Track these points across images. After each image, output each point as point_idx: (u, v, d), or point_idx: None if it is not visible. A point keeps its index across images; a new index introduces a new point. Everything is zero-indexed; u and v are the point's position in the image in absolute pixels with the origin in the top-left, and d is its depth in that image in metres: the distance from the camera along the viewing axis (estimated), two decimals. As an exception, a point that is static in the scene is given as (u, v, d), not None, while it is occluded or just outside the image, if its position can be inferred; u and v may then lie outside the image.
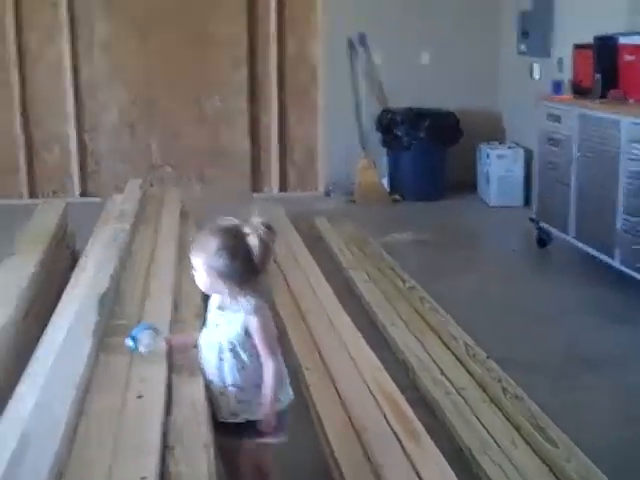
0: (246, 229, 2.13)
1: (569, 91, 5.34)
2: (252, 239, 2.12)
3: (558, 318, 4.24)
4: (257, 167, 7.33)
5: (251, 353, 2.18)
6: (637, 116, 4.34)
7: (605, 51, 5.00)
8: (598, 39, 5.08)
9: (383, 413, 2.83)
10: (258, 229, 2.13)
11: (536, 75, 6.64)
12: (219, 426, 2.19)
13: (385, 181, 7.12)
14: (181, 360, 2.34)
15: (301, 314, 3.89)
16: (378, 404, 2.90)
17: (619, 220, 4.46)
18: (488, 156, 6.88)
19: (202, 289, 2.25)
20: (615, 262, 4.52)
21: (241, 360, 2.17)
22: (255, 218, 2.16)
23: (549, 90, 5.65)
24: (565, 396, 3.28)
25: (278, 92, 7.18)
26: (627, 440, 2.95)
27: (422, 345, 3.61)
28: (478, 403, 3.04)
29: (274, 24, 7.06)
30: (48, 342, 2.49)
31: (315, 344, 3.50)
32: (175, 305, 2.96)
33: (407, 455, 2.56)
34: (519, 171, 6.74)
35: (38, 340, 2.60)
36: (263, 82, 7.18)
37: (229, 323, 2.18)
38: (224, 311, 2.21)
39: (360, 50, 7.11)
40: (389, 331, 3.80)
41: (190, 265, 2.20)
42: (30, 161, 7.03)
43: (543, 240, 5.48)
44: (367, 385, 3.05)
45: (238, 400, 2.20)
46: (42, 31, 6.87)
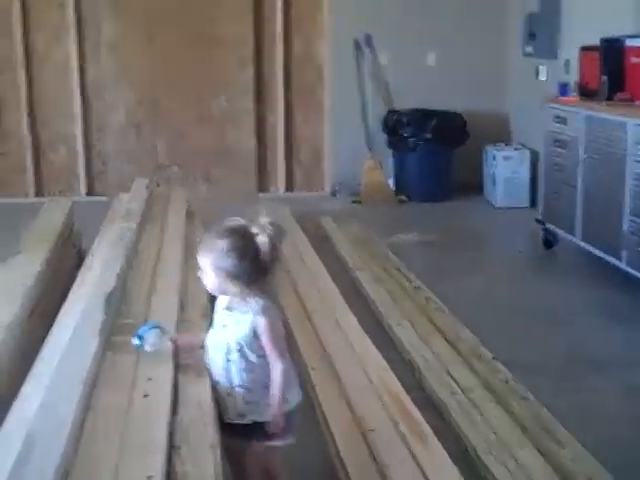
0: (254, 229, 2.13)
1: (575, 93, 5.33)
2: (260, 239, 2.11)
3: (564, 319, 4.24)
4: (263, 167, 7.34)
5: (259, 354, 2.16)
6: (644, 118, 4.34)
7: (612, 53, 4.99)
8: (605, 41, 5.06)
9: (389, 413, 2.83)
10: (266, 229, 2.12)
11: (542, 77, 6.63)
12: (226, 427, 2.17)
13: (391, 182, 7.12)
14: (187, 360, 2.34)
15: (307, 314, 3.88)
16: (384, 404, 2.90)
17: (626, 222, 4.45)
18: (494, 157, 6.87)
19: (210, 290, 2.23)
20: (622, 264, 4.51)
21: (249, 361, 2.16)
22: (262, 217, 2.15)
23: (555, 92, 5.64)
24: (571, 397, 3.28)
25: (284, 92, 7.18)
26: (633, 440, 2.95)
27: (428, 345, 3.60)
28: (484, 404, 3.03)
29: (280, 24, 7.06)
30: (54, 341, 2.49)
31: (321, 344, 3.49)
32: (181, 305, 2.96)
33: (413, 456, 2.55)
34: (525, 173, 6.74)
35: (44, 339, 2.61)
36: (269, 82, 7.18)
37: (237, 324, 2.16)
38: (232, 312, 2.19)
39: (366, 51, 7.11)
40: (395, 331, 3.79)
41: (197, 265, 2.19)
42: (37, 161, 7.04)
43: (549, 241, 5.47)
44: (373, 385, 3.05)
45: (246, 401, 2.18)
46: (49, 32, 6.88)
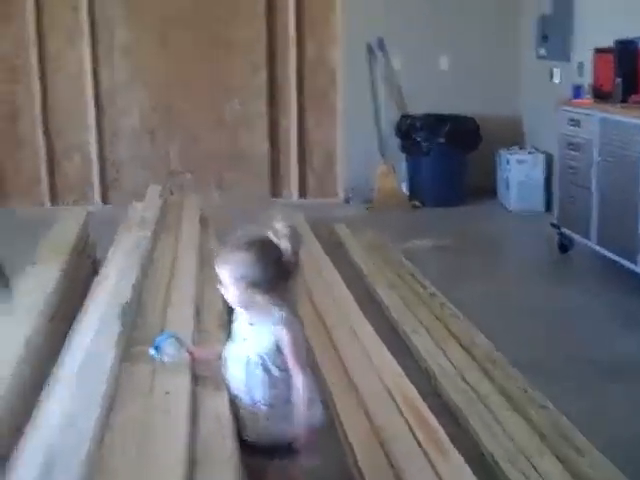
0: (272, 235, 2.11)
1: (589, 95, 5.31)
2: (281, 245, 2.10)
3: (581, 325, 4.22)
4: (276, 171, 7.33)
5: (281, 368, 2.12)
6: (659, 121, 4.32)
7: (626, 55, 4.96)
8: (619, 43, 5.04)
9: (406, 421, 2.82)
10: (284, 234, 2.11)
11: (556, 79, 6.60)
12: (246, 445, 2.12)
13: (404, 187, 7.10)
14: (205, 372, 2.32)
15: (322, 322, 3.87)
16: (401, 412, 2.89)
17: (642, 225, 4.43)
18: (508, 161, 6.84)
19: (231, 304, 2.19)
20: (638, 268, 4.47)
21: (271, 375, 2.12)
22: (278, 223, 2.13)
23: (569, 95, 5.62)
24: (589, 403, 3.26)
25: (297, 96, 7.17)
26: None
27: (443, 352, 3.59)
28: (501, 411, 3.02)
29: (293, 28, 7.06)
30: (71, 354, 2.49)
31: (337, 352, 3.48)
32: (197, 314, 2.96)
33: (431, 464, 2.55)
34: (539, 176, 6.71)
35: (60, 350, 2.61)
36: (282, 86, 7.17)
37: (259, 336, 2.13)
38: (253, 324, 2.16)
39: (379, 55, 7.10)
40: (411, 338, 3.78)
41: (216, 278, 2.17)
42: (52, 170, 7.05)
43: (565, 246, 5.44)
44: (390, 393, 3.04)
45: (267, 418, 2.13)
46: (63, 37, 6.89)
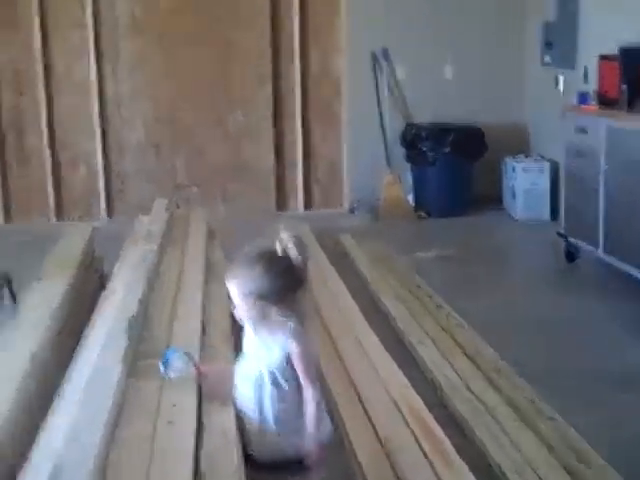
0: (279, 248, 2.13)
1: (595, 102, 5.30)
2: (287, 255, 2.11)
3: (589, 334, 4.19)
4: (281, 183, 7.32)
5: (291, 382, 2.13)
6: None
7: (631, 62, 4.97)
8: (624, 50, 5.04)
9: (412, 433, 2.81)
10: (290, 245, 2.12)
11: (561, 87, 6.59)
12: (254, 462, 2.13)
13: (410, 198, 7.09)
14: (212, 388, 2.33)
15: (327, 332, 3.86)
16: (407, 424, 2.88)
17: (648, 233, 4.42)
18: (514, 170, 6.84)
19: (241, 320, 2.19)
20: (645, 276, 4.47)
21: (281, 389, 2.13)
22: (284, 235, 2.14)
23: (574, 102, 5.61)
24: (598, 414, 3.23)
25: (302, 106, 7.17)
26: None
27: (450, 363, 3.58)
28: (508, 422, 3.01)
29: (297, 39, 7.07)
30: (78, 369, 2.50)
31: (343, 364, 3.47)
32: (203, 329, 2.96)
33: (437, 475, 2.54)
34: (545, 184, 6.69)
35: (69, 365, 2.61)
36: (287, 97, 7.17)
37: (269, 351, 2.14)
38: (263, 339, 2.16)
39: (384, 65, 7.10)
40: (417, 349, 3.77)
41: (220, 291, 2.18)
42: (57, 184, 7.06)
43: (571, 254, 5.42)
44: (396, 404, 3.03)
45: (278, 434, 2.14)
46: (68, 50, 6.89)
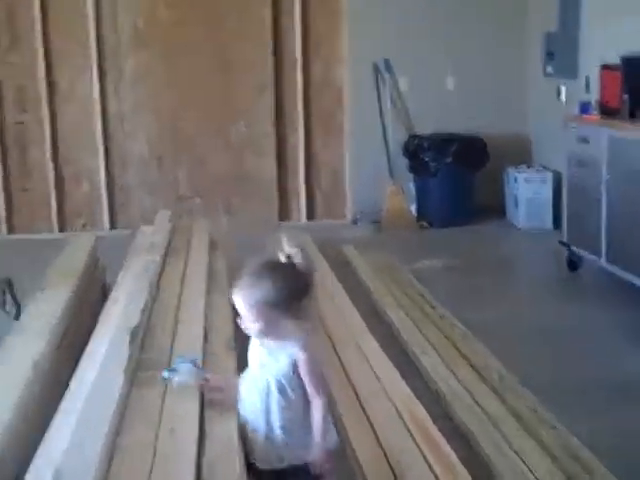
0: (282, 257, 2.13)
1: (596, 112, 5.31)
2: (291, 264, 2.11)
3: (592, 343, 4.19)
4: (284, 193, 7.33)
5: (297, 391, 2.14)
6: (667, 137, 4.31)
7: (633, 71, 4.98)
8: (625, 59, 5.05)
9: (416, 444, 2.80)
10: (294, 254, 2.12)
11: (563, 97, 6.60)
12: (262, 474, 2.13)
13: (413, 208, 7.10)
14: (217, 399, 2.33)
15: (330, 343, 3.85)
16: (411, 435, 2.87)
17: (651, 242, 4.41)
18: (516, 180, 6.84)
19: (248, 332, 2.17)
20: (648, 285, 4.47)
21: (287, 397, 2.13)
22: (287, 245, 2.15)
23: (576, 112, 5.62)
24: (601, 424, 3.22)
25: (304, 117, 7.19)
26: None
27: (453, 373, 3.57)
28: (513, 432, 2.99)
29: (299, 49, 7.09)
30: (81, 378, 2.50)
31: (345, 373, 3.46)
32: (205, 338, 2.96)
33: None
34: (547, 194, 6.70)
35: (70, 374, 2.61)
36: (289, 108, 7.19)
37: (276, 361, 2.15)
38: (270, 349, 2.16)
39: (386, 75, 7.12)
40: (420, 359, 3.76)
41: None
42: (61, 197, 7.07)
43: (574, 263, 5.42)
44: (399, 415, 3.02)
45: (286, 443, 2.14)
46: (71, 65, 6.93)
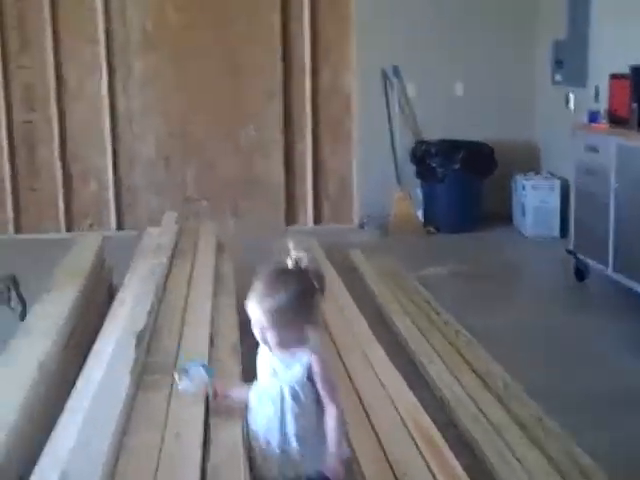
0: (290, 263, 2.12)
1: (605, 121, 5.30)
2: (300, 269, 2.10)
3: (598, 354, 4.17)
4: (291, 198, 7.34)
5: (311, 397, 2.11)
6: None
7: (642, 81, 4.98)
8: (635, 68, 5.05)
9: (420, 453, 2.79)
10: (301, 259, 2.11)
11: (572, 105, 6.59)
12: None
13: (420, 214, 7.09)
14: (224, 407, 2.31)
15: (336, 349, 3.84)
16: (415, 443, 2.85)
17: (659, 252, 4.40)
18: (523, 187, 6.84)
19: (270, 342, 2.12)
20: (656, 295, 4.45)
21: (301, 404, 2.10)
22: (294, 250, 2.14)
23: (585, 120, 5.61)
24: (606, 434, 3.21)
25: (312, 122, 7.20)
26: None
27: (458, 380, 3.56)
28: (516, 440, 2.99)
29: (308, 55, 7.10)
30: (87, 380, 2.50)
31: (350, 379, 3.45)
32: (211, 342, 2.96)
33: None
34: (555, 202, 6.69)
35: (77, 375, 2.61)
36: (297, 113, 7.20)
37: (289, 368, 2.12)
38: (282, 357, 2.14)
39: (394, 82, 7.12)
40: (425, 366, 3.75)
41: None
42: (68, 196, 7.09)
43: (581, 272, 5.40)
44: (404, 423, 3.01)
45: (301, 455, 2.11)
46: (80, 66, 6.96)
